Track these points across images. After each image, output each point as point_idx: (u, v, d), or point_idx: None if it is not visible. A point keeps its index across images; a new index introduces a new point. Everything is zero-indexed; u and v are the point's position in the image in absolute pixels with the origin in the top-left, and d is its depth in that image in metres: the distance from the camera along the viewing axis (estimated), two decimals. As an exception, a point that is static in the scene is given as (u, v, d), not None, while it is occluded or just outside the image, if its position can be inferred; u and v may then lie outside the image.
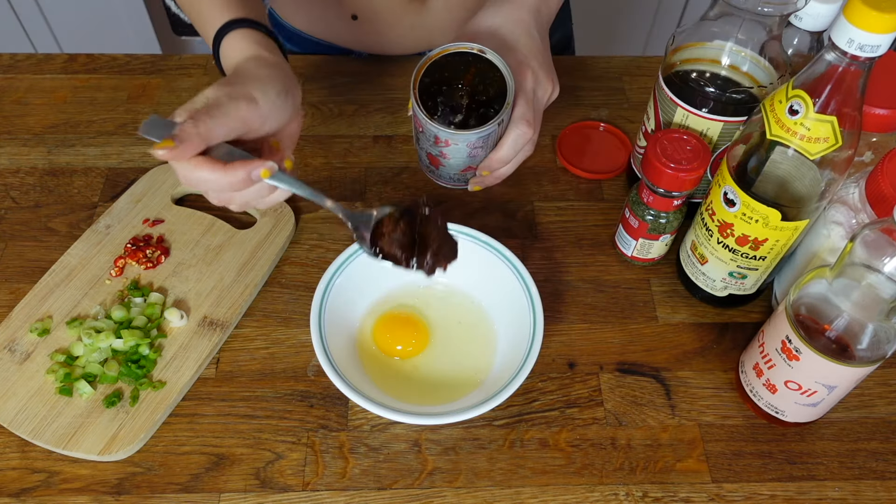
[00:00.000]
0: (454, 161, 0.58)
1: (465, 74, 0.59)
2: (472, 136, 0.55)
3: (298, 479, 0.54)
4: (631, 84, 0.83)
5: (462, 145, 0.56)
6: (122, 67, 0.82)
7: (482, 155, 0.58)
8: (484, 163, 0.58)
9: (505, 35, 0.58)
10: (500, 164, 0.58)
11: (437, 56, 0.55)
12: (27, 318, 0.60)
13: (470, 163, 0.58)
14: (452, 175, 0.60)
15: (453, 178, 0.61)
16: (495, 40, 0.58)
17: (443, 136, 0.55)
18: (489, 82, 0.58)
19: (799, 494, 0.55)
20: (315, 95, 0.80)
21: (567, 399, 0.59)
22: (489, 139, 0.56)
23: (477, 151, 0.57)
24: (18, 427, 0.55)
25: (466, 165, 0.58)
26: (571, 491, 0.54)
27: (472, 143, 0.55)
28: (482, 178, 0.59)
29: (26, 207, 0.70)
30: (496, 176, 0.59)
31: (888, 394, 0.60)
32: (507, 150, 0.57)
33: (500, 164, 0.58)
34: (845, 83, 0.45)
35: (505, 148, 0.57)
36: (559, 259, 0.68)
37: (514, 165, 0.59)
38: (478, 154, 0.57)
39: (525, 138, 0.56)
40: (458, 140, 0.55)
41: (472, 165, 0.59)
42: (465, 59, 0.56)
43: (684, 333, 0.63)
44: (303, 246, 0.68)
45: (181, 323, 0.60)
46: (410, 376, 0.59)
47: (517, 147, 0.57)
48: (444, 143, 0.56)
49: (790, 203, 0.52)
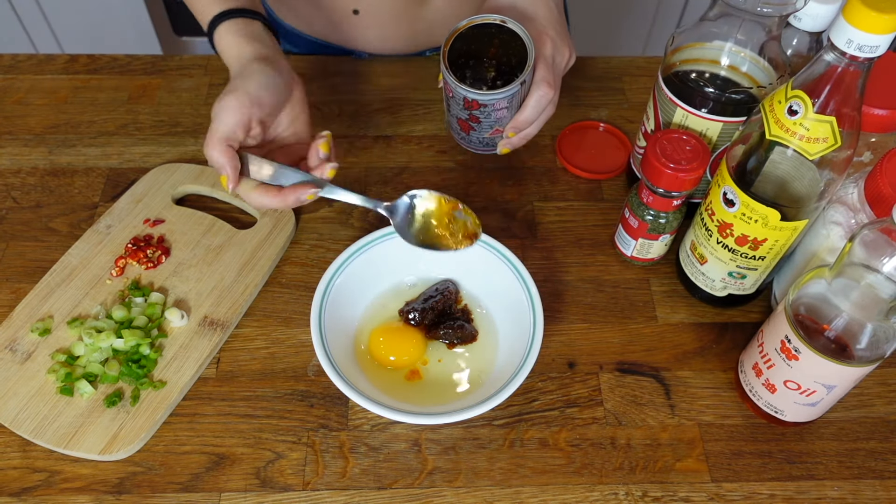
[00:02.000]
0: (484, 123, 0.62)
1: (490, 47, 0.63)
2: (497, 96, 0.58)
3: (299, 479, 0.54)
4: (631, 84, 0.83)
5: (489, 107, 0.59)
6: (123, 68, 0.83)
7: (507, 116, 0.61)
8: (510, 124, 0.61)
9: (524, 7, 0.62)
10: (526, 124, 0.61)
11: (463, 28, 0.59)
12: (28, 317, 0.60)
13: (497, 125, 0.62)
14: (482, 139, 0.64)
15: (483, 141, 0.64)
16: (515, 12, 0.62)
17: (471, 97, 0.58)
18: (512, 52, 0.62)
19: (798, 494, 0.55)
20: (315, 95, 0.80)
21: (567, 399, 0.59)
22: (513, 100, 0.59)
23: (502, 113, 0.60)
24: (19, 427, 0.55)
25: (494, 128, 0.62)
26: (571, 490, 0.54)
27: (498, 103, 0.59)
28: (509, 140, 0.63)
29: (27, 207, 0.70)
30: (522, 136, 0.63)
31: (887, 393, 0.60)
32: (530, 111, 0.60)
33: (526, 124, 0.61)
34: (844, 83, 0.45)
35: (529, 109, 0.60)
36: (559, 259, 0.68)
37: (538, 126, 0.62)
38: (503, 116, 0.61)
39: (546, 99, 0.60)
40: (486, 100, 0.58)
41: (500, 128, 0.62)
42: (489, 30, 0.59)
43: (684, 333, 0.63)
44: (303, 246, 0.68)
45: (182, 323, 0.60)
46: (410, 375, 0.59)
47: (540, 107, 0.60)
48: (472, 106, 0.59)
49: (789, 203, 0.52)
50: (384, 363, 0.58)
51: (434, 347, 0.60)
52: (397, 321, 0.61)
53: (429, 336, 0.60)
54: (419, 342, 0.59)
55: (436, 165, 0.74)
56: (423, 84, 0.82)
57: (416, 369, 0.59)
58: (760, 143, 0.50)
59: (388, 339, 0.59)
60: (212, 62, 0.83)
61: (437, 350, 0.60)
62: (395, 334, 0.60)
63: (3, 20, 1.65)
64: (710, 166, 0.62)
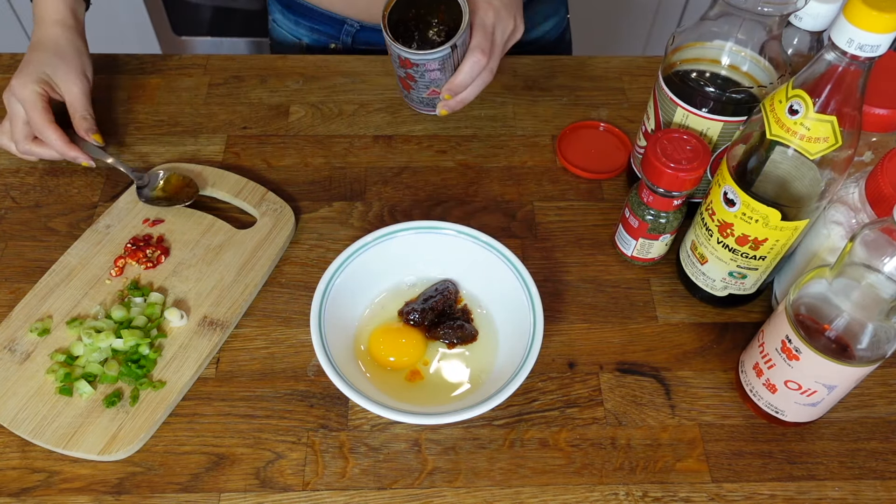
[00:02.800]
0: (420, 83, 0.65)
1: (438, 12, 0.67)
2: (427, 57, 0.62)
3: (298, 479, 0.54)
4: (631, 84, 0.83)
5: (421, 66, 0.63)
6: (123, 67, 0.82)
7: (442, 79, 0.64)
8: (446, 86, 0.65)
9: None
10: (460, 88, 0.64)
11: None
12: (27, 317, 0.60)
13: (432, 85, 0.65)
14: (422, 98, 0.68)
15: (423, 100, 0.68)
16: None
17: (403, 55, 0.62)
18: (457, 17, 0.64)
19: (799, 494, 0.55)
20: (315, 95, 0.80)
21: (567, 399, 0.59)
22: (445, 63, 0.63)
23: (436, 74, 0.64)
24: (18, 427, 0.55)
25: (430, 88, 0.66)
26: (571, 491, 0.54)
27: (429, 64, 0.63)
28: (447, 103, 0.66)
29: (26, 207, 0.70)
30: (458, 100, 0.66)
31: (888, 393, 0.60)
32: (464, 76, 0.63)
33: (460, 88, 0.64)
34: (845, 83, 0.45)
35: (462, 73, 0.63)
36: (559, 259, 0.68)
37: (473, 91, 0.65)
38: (437, 77, 0.64)
39: (479, 65, 0.63)
40: (416, 60, 0.62)
41: (436, 89, 0.66)
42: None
43: (684, 333, 0.63)
44: (303, 246, 0.68)
45: (181, 323, 0.60)
46: (410, 376, 0.59)
47: (473, 73, 0.63)
48: (406, 65, 0.63)
49: (790, 203, 0.52)
50: (384, 364, 0.58)
51: (434, 347, 0.60)
52: (397, 322, 0.61)
53: (429, 336, 0.60)
54: (419, 343, 0.59)
55: (436, 165, 0.74)
56: (423, 84, 0.82)
57: (416, 370, 0.58)
58: (761, 142, 0.50)
59: (388, 340, 0.59)
60: (211, 62, 0.83)
61: (437, 350, 0.60)
62: (395, 335, 0.60)
63: (3, 20, 1.65)
64: (711, 166, 0.62)
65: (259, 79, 0.81)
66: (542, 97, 0.81)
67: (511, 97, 0.81)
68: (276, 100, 0.80)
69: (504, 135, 0.77)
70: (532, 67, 0.84)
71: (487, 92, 0.81)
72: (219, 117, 0.78)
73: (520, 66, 0.84)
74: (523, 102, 0.81)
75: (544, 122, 0.79)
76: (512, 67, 0.84)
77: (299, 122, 0.78)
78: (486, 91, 0.80)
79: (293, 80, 0.82)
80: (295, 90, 0.81)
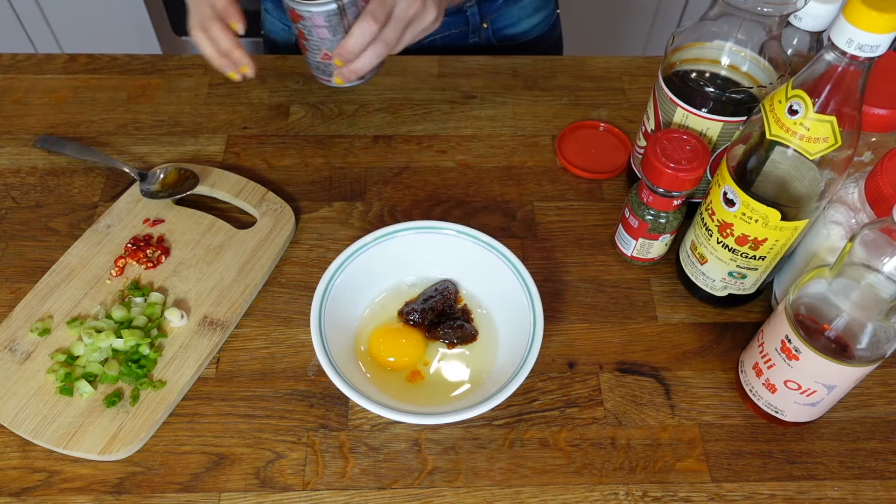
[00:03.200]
0: (311, 42, 0.64)
1: None
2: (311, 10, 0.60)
3: (298, 479, 0.54)
4: (631, 84, 0.83)
5: (307, 20, 0.61)
6: (123, 67, 0.83)
7: (330, 39, 0.63)
8: (336, 50, 0.63)
9: None
10: (350, 54, 0.62)
11: None
12: (28, 317, 0.60)
13: (322, 47, 0.64)
14: (317, 63, 0.66)
15: (318, 66, 0.67)
16: None
17: (291, 6, 0.61)
18: None
19: (798, 494, 0.55)
20: (315, 95, 0.80)
21: (567, 399, 0.59)
22: (332, 21, 0.61)
23: (323, 33, 0.62)
24: (19, 427, 0.55)
25: (322, 52, 0.64)
26: (571, 490, 0.54)
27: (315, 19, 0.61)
28: (340, 70, 0.64)
29: (27, 207, 0.70)
30: (352, 70, 0.63)
31: (887, 393, 0.60)
32: (354, 40, 0.61)
33: (350, 54, 0.62)
34: (845, 83, 0.45)
35: (351, 38, 0.61)
36: (559, 259, 0.68)
37: (367, 61, 0.63)
38: (326, 37, 0.63)
39: (370, 31, 0.60)
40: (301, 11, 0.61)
41: (327, 52, 0.64)
42: None
43: (684, 333, 0.63)
44: (303, 246, 0.68)
45: (181, 323, 0.60)
46: (410, 376, 0.59)
47: (363, 39, 0.61)
48: (294, 18, 0.62)
49: (790, 203, 0.52)
50: (384, 365, 0.58)
51: (434, 347, 0.60)
52: (397, 322, 0.61)
53: (429, 336, 0.60)
54: (419, 343, 0.59)
55: (435, 165, 0.74)
56: (424, 84, 0.82)
57: (416, 370, 0.58)
58: (761, 142, 0.50)
59: (388, 340, 0.59)
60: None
61: (437, 350, 0.60)
62: (395, 336, 0.60)
63: (3, 20, 1.65)
64: (711, 166, 0.62)
65: (259, 79, 0.81)
66: (542, 97, 0.81)
67: (511, 97, 0.81)
68: (276, 100, 0.80)
69: (504, 135, 0.78)
70: (532, 67, 0.84)
71: (487, 92, 0.81)
72: (219, 117, 0.78)
73: (520, 66, 0.84)
74: (523, 102, 0.81)
75: (544, 122, 0.79)
76: (512, 67, 0.84)
77: (299, 122, 0.78)
78: (487, 91, 0.81)
79: (293, 80, 0.82)
80: (295, 90, 0.81)
